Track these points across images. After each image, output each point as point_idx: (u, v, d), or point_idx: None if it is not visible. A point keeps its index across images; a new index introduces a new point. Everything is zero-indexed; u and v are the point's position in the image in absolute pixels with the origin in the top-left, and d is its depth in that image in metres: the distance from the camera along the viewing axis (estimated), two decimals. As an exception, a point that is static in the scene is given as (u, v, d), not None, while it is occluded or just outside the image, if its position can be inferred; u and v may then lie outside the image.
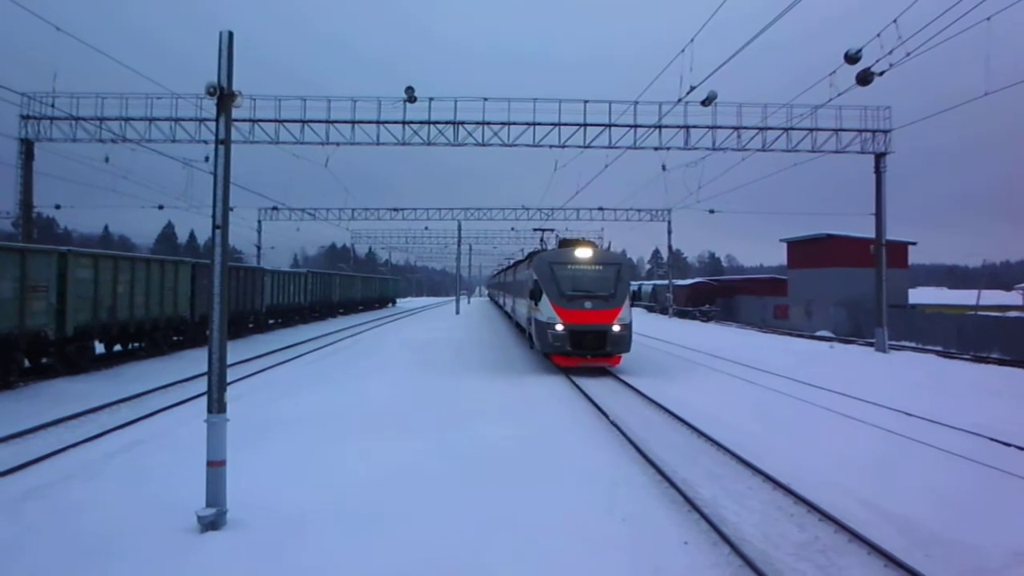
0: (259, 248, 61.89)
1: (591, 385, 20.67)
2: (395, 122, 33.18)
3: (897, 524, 9.02)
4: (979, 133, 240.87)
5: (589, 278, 23.30)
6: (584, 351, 22.38)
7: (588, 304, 22.53)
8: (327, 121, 33.21)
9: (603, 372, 23.14)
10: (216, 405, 8.59)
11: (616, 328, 22.40)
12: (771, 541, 8.47)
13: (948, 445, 13.11)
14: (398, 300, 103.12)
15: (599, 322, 22.36)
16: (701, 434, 14.07)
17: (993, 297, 78.29)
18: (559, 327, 22.31)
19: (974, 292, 63.25)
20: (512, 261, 66.63)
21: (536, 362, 26.18)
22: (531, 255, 31.88)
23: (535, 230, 43.34)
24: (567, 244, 26.40)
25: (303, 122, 33.23)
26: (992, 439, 13.82)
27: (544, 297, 23.00)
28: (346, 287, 65.49)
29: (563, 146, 33.62)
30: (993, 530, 8.72)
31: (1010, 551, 8.12)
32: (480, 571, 7.44)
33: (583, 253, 23.93)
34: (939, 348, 34.78)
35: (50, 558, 7.54)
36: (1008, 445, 13.37)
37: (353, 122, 33.23)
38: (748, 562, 7.62)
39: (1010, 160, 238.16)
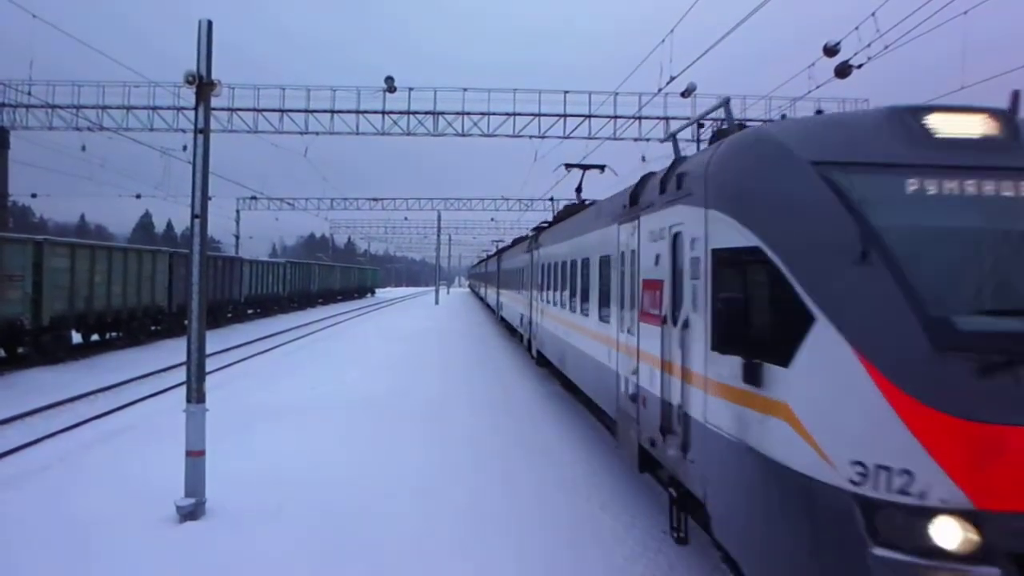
0: (237, 238, 61.43)
1: None
2: (375, 112, 33.11)
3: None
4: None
5: None
6: None
7: None
8: (306, 111, 33.06)
9: None
10: (195, 395, 8.58)
11: None
12: None
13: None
14: (377, 290, 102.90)
15: None
16: None
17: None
18: (956, 538, 3.78)
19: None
20: (511, 239, 48.06)
21: None
22: (667, 172, 7.79)
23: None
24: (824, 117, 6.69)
25: (282, 111, 33.04)
26: None
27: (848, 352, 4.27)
28: (325, 277, 65.31)
29: (543, 136, 33.66)
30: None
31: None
32: None
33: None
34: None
35: (27, 550, 7.51)
36: None
37: (332, 111, 33.11)
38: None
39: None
